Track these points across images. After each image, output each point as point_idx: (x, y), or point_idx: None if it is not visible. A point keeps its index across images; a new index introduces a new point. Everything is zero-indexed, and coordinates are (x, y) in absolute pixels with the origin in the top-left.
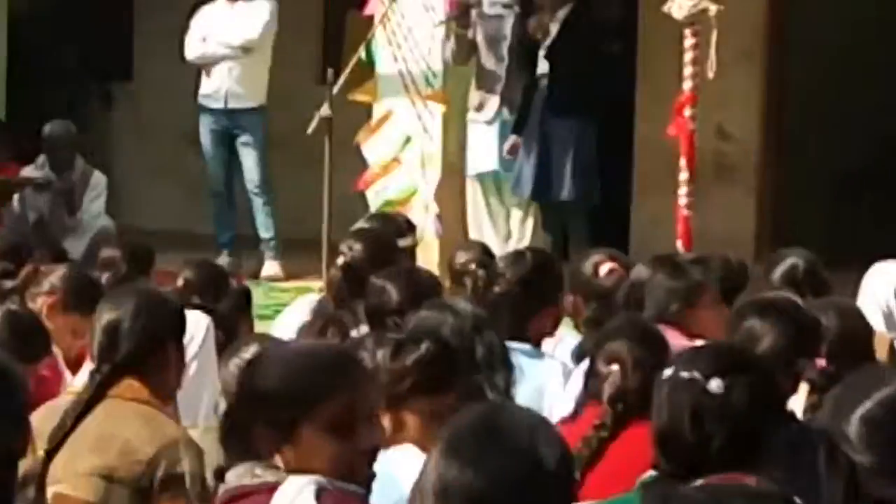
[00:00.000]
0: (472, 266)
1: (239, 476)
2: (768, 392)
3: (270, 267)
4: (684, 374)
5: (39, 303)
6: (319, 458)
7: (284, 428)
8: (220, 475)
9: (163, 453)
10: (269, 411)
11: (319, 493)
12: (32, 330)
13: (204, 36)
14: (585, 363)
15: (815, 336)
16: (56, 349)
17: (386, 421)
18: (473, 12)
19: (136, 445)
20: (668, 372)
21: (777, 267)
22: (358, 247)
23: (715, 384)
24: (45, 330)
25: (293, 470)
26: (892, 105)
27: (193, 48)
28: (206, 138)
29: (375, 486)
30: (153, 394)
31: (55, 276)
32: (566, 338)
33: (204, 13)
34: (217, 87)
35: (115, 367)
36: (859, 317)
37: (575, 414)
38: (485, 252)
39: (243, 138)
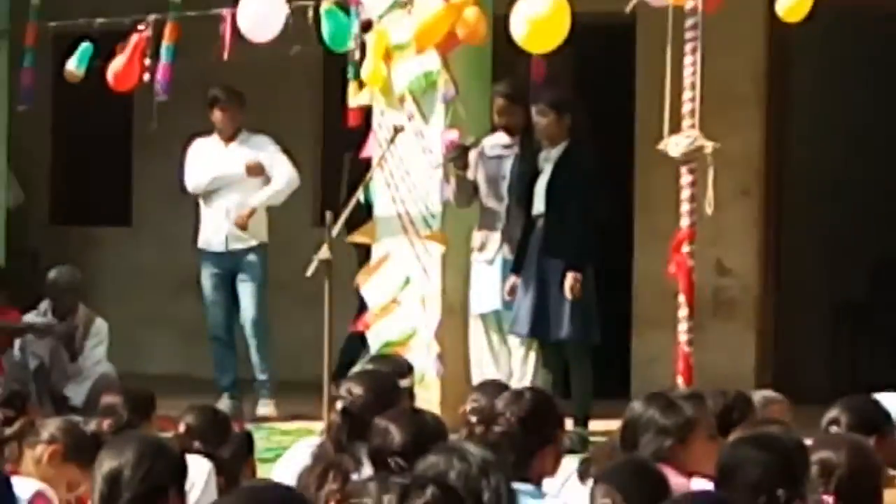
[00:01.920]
0: (472, 417)
1: None
2: None
3: (264, 406)
4: None
5: (39, 451)
6: None
7: None
8: None
9: None
10: None
11: None
12: None
13: (205, 172)
14: None
15: (797, 465)
16: (52, 493)
17: None
18: (472, 153)
19: None
20: None
21: None
22: (358, 390)
23: None
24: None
25: None
26: (883, 237)
27: (196, 177)
28: (207, 282)
29: None
30: None
31: (54, 426)
32: (573, 476)
33: (195, 156)
34: (217, 230)
35: None
36: (871, 455)
37: None
38: (493, 393)
39: (242, 276)
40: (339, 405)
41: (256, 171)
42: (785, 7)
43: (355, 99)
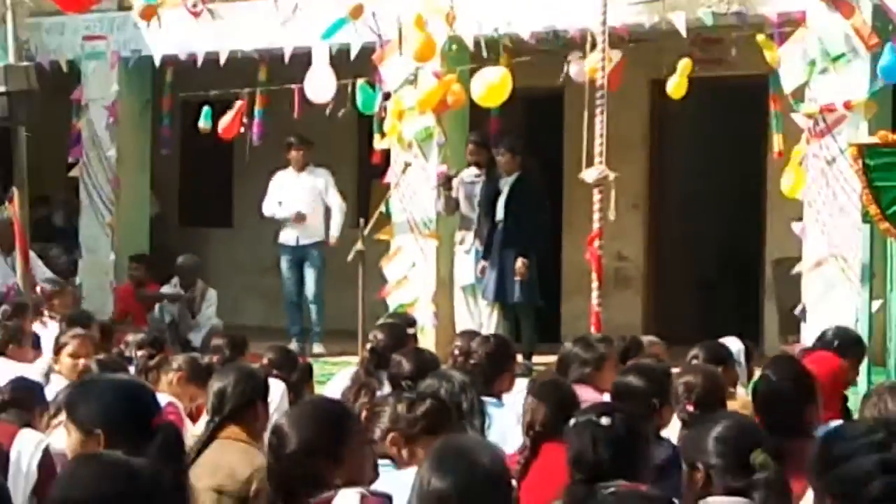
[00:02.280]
0: (455, 351)
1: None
2: (638, 424)
3: (317, 347)
4: (585, 417)
5: (171, 376)
6: (358, 472)
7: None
8: None
9: (255, 475)
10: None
11: (363, 498)
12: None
13: (279, 201)
14: None
15: (666, 385)
16: (179, 404)
17: (405, 452)
18: (455, 180)
19: (238, 470)
20: (575, 417)
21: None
22: (381, 335)
23: (605, 419)
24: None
25: (344, 485)
26: (726, 235)
27: (270, 208)
28: (284, 265)
29: (399, 491)
30: (249, 435)
31: (181, 359)
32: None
33: (276, 182)
34: (291, 233)
35: (223, 418)
36: (718, 379)
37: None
38: (470, 338)
39: (307, 263)
40: (368, 345)
41: (300, 219)
42: (671, 88)
43: (379, 144)
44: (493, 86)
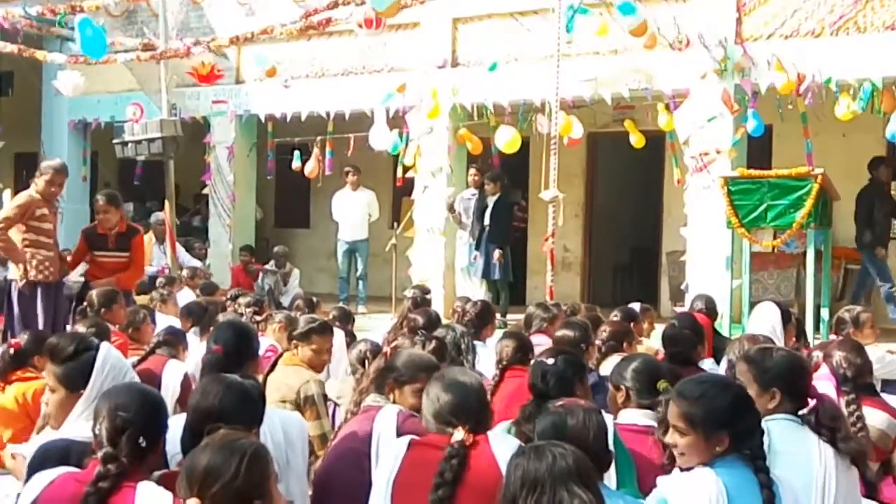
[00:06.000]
0: (458, 308)
1: (369, 401)
2: (574, 361)
3: (362, 308)
4: (539, 359)
5: (272, 326)
6: (405, 401)
7: (393, 386)
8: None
9: (302, 386)
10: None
11: (399, 414)
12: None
13: (339, 213)
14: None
15: (590, 335)
16: (278, 346)
17: None
18: (456, 202)
19: (292, 384)
20: (535, 359)
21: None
22: (409, 303)
23: (550, 360)
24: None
25: (394, 403)
26: (636, 234)
27: (336, 214)
28: (340, 253)
29: None
30: (306, 363)
31: (281, 315)
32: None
33: (337, 197)
34: (346, 230)
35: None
36: (628, 329)
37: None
38: (466, 302)
39: (357, 252)
40: (405, 305)
41: None
42: (633, 141)
43: (409, 174)
44: (511, 139)
